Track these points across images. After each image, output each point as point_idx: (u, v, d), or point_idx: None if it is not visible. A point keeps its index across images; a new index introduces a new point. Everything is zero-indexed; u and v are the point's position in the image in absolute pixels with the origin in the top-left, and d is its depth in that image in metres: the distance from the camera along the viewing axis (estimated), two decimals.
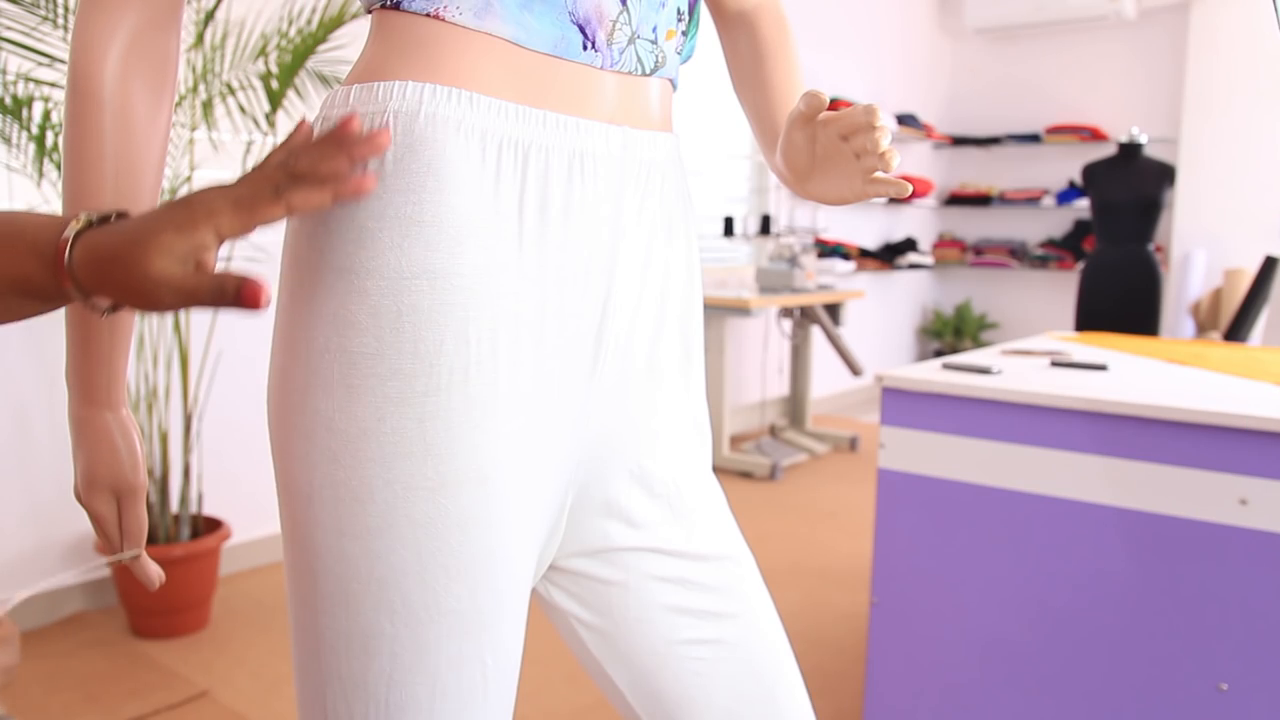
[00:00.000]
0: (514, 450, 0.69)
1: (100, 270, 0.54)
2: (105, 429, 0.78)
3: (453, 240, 0.66)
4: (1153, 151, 5.66)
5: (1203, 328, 5.26)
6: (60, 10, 2.13)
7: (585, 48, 0.70)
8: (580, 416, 0.75)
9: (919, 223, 6.60)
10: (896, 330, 6.44)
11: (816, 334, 4.96)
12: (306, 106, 2.60)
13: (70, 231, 0.55)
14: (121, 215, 0.58)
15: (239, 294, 0.52)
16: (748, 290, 4.34)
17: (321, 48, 2.45)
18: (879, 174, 0.78)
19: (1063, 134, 6.10)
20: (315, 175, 0.54)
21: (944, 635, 1.71)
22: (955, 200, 6.58)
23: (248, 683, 2.20)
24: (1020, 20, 5.91)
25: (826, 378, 5.59)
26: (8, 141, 2.22)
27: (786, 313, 4.64)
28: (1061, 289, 6.31)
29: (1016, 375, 1.74)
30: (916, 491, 1.71)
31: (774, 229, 4.71)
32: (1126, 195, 4.36)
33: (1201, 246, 5.52)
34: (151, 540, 2.46)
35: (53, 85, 2.20)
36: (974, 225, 6.70)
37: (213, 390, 2.76)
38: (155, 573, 0.82)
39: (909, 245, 6.15)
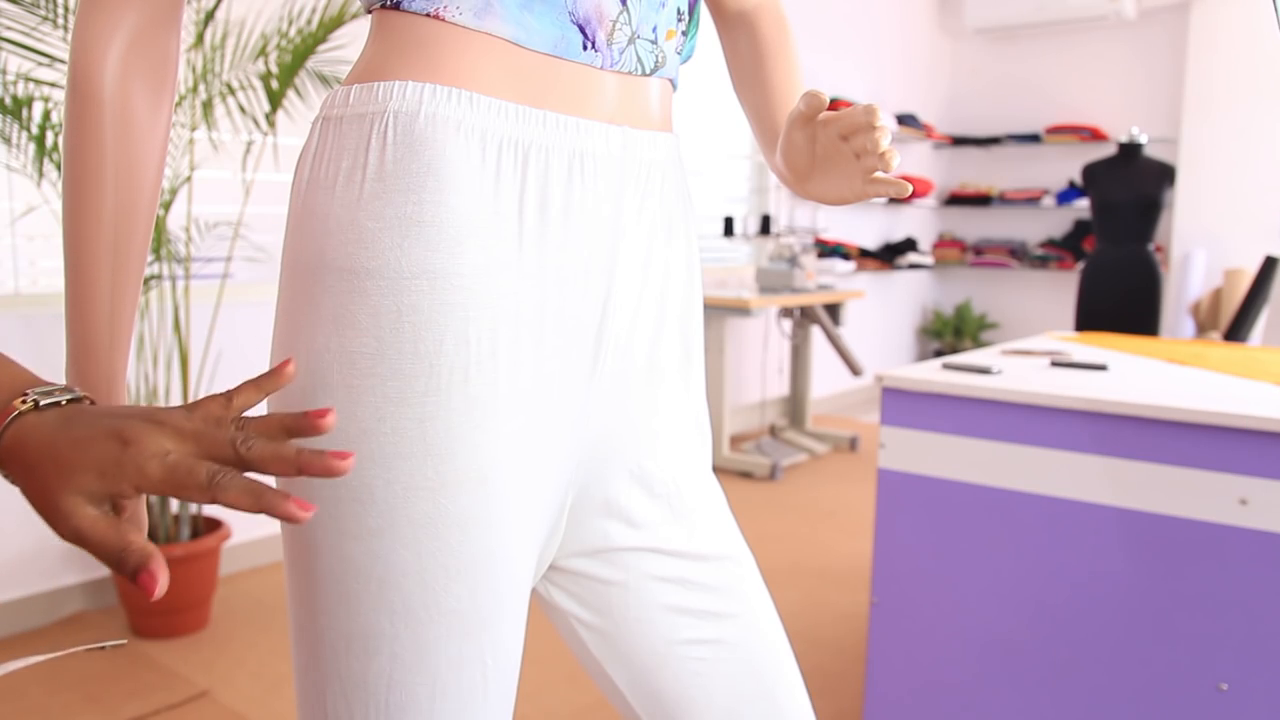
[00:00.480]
0: (514, 450, 0.69)
1: (18, 468, 0.52)
2: None
3: (453, 240, 0.66)
4: (1153, 151, 5.66)
5: (1203, 328, 5.26)
6: (60, 10, 2.13)
7: (585, 48, 0.70)
8: (580, 416, 0.75)
9: (919, 223, 6.60)
10: (896, 330, 6.44)
11: (816, 334, 4.96)
12: (306, 106, 2.60)
13: (14, 410, 0.53)
14: (75, 400, 0.54)
15: (134, 577, 0.49)
16: (748, 290, 4.34)
17: (321, 48, 2.45)
18: (879, 174, 0.78)
19: (1063, 134, 6.09)
20: (263, 468, 0.50)
21: (944, 635, 1.71)
22: (955, 200, 6.58)
23: (248, 683, 2.20)
24: (1020, 20, 5.91)
25: (826, 378, 5.58)
26: (8, 141, 2.22)
27: (786, 313, 4.64)
28: (1061, 289, 6.31)
29: (1016, 375, 1.74)
30: (916, 491, 1.71)
31: (774, 229, 4.71)
32: (1126, 195, 4.36)
33: (1201, 246, 5.52)
34: (151, 540, 2.46)
35: (53, 85, 2.20)
36: (974, 225, 6.70)
37: (213, 390, 2.76)
38: None
39: (909, 245, 6.15)
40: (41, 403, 0.53)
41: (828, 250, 5.47)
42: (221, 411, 0.53)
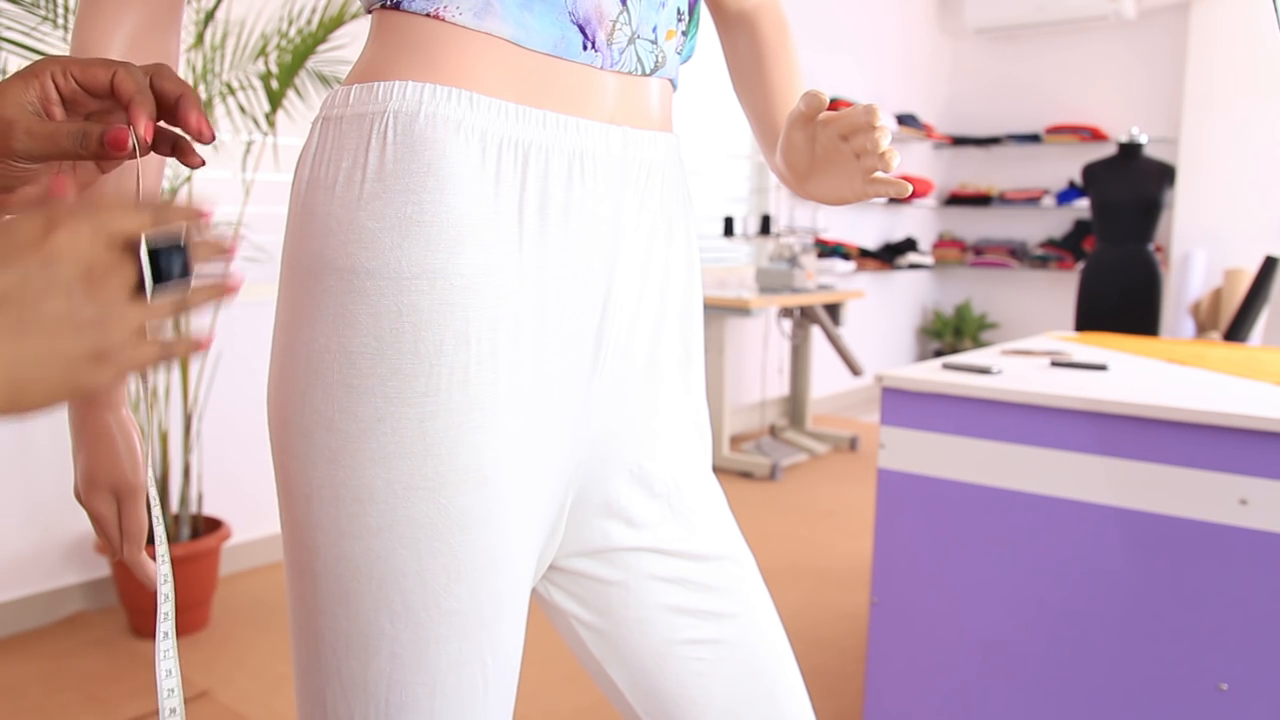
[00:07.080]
0: (514, 450, 0.69)
1: None
2: (105, 429, 0.78)
3: (453, 240, 0.66)
4: (1153, 151, 5.66)
5: (1203, 328, 5.26)
6: (60, 10, 2.13)
7: (585, 48, 0.70)
8: (580, 416, 0.75)
9: (919, 223, 6.60)
10: (896, 330, 6.44)
11: (816, 334, 4.96)
12: (306, 106, 2.60)
13: None
14: None
15: (102, 141, 0.53)
16: (748, 290, 4.33)
17: (321, 48, 2.45)
18: (879, 174, 0.78)
19: (1063, 134, 6.09)
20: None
21: (944, 635, 1.71)
22: (955, 200, 6.57)
23: (248, 683, 2.20)
24: (1020, 20, 5.91)
25: (826, 378, 5.58)
26: None
27: (786, 313, 4.64)
28: (1061, 289, 6.31)
29: (1016, 375, 1.74)
30: (916, 491, 1.71)
31: (774, 229, 4.71)
32: (1126, 195, 4.35)
33: (1201, 246, 5.52)
34: (151, 540, 2.47)
35: None
36: (974, 225, 6.70)
37: (213, 390, 2.76)
38: (155, 573, 0.81)
39: (909, 245, 6.14)
40: None
41: (828, 250, 5.47)
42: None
